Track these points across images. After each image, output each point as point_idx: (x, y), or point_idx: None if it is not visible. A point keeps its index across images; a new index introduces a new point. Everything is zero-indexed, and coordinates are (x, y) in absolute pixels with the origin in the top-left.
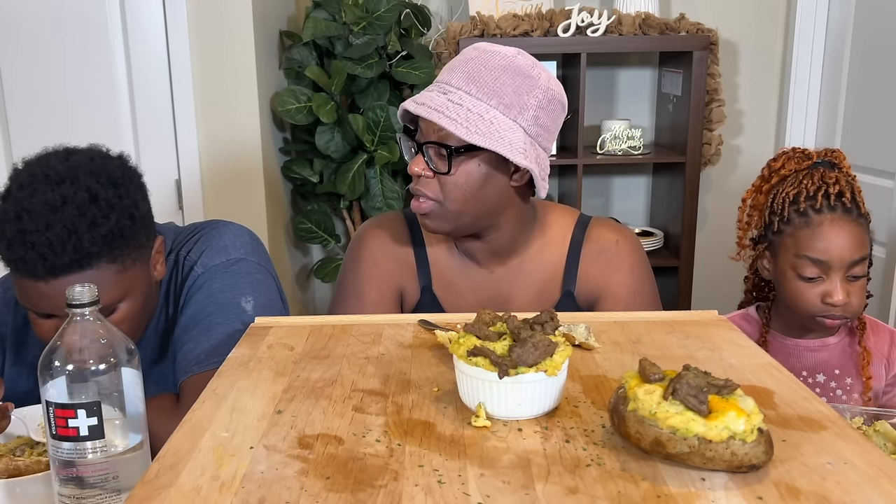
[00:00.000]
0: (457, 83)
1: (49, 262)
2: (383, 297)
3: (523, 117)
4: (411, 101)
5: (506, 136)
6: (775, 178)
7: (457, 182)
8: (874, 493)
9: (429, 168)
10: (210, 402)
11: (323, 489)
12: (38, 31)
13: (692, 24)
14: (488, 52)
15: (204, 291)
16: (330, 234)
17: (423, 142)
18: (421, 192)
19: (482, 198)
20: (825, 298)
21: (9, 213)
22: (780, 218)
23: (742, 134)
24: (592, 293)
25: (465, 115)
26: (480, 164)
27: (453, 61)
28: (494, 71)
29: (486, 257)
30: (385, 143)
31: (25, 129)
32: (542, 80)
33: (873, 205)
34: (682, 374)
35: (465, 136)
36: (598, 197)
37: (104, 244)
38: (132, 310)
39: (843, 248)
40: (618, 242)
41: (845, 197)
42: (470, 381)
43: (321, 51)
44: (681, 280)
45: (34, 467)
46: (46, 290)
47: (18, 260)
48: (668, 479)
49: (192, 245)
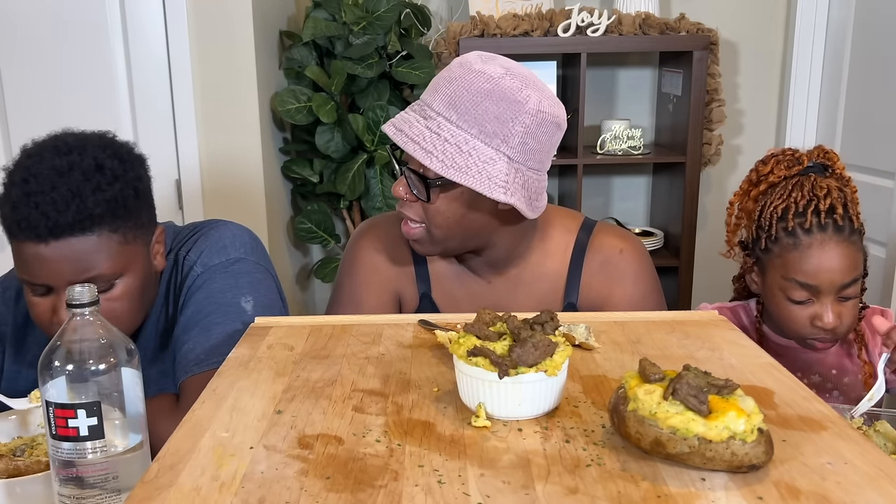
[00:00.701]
0: (438, 108)
1: (52, 221)
2: (381, 304)
3: (507, 145)
4: (391, 124)
5: (485, 170)
6: (764, 184)
7: (439, 209)
8: (874, 493)
9: (410, 192)
10: (210, 402)
11: (323, 489)
12: (38, 32)
13: (692, 24)
14: (473, 73)
15: (203, 291)
16: (330, 234)
17: (404, 165)
18: (406, 215)
19: (467, 224)
20: (814, 321)
21: (15, 177)
22: (767, 235)
23: (742, 134)
24: (595, 305)
25: (443, 148)
26: (463, 193)
27: (438, 78)
28: (477, 96)
29: (483, 269)
30: (385, 142)
31: (25, 130)
32: (532, 102)
33: (873, 205)
34: (682, 374)
35: (440, 171)
36: (598, 197)
37: (107, 209)
38: (131, 287)
39: (834, 272)
40: (622, 252)
41: (837, 212)
42: (470, 381)
43: (321, 51)
44: (681, 280)
45: (34, 467)
46: (47, 254)
47: (22, 220)
48: (668, 479)
49: (192, 244)
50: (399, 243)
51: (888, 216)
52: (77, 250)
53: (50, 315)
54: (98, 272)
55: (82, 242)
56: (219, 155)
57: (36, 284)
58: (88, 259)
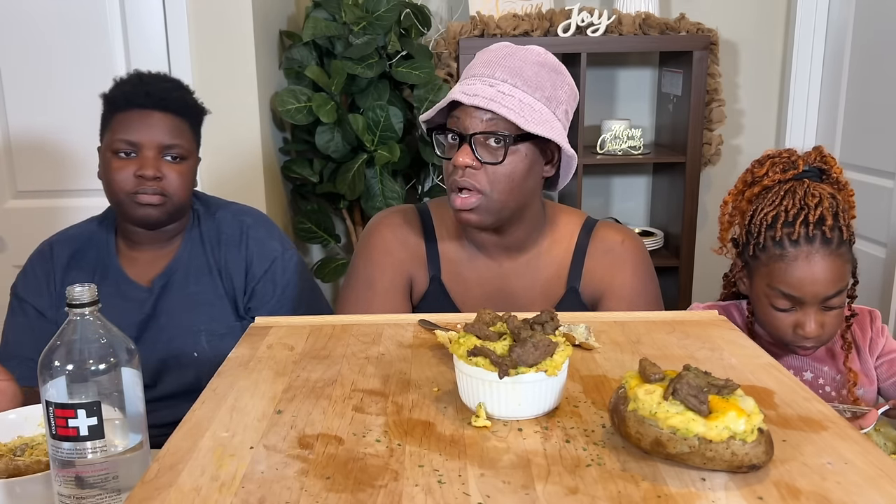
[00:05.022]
0: (501, 76)
1: (162, 98)
2: (394, 284)
3: (560, 110)
4: (461, 92)
5: (555, 127)
6: (758, 186)
7: (505, 171)
8: (874, 493)
9: (476, 159)
10: (210, 402)
11: (323, 489)
12: (38, 32)
13: (692, 24)
14: (523, 50)
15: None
16: (330, 234)
17: (472, 132)
18: (468, 183)
19: (524, 188)
20: (797, 329)
21: (132, 77)
22: (756, 242)
23: (742, 134)
24: (597, 291)
25: (519, 106)
26: (526, 154)
27: (486, 57)
28: (534, 66)
29: (497, 251)
30: (385, 142)
31: (25, 129)
32: (568, 76)
33: (873, 205)
34: (682, 374)
35: (523, 125)
36: (598, 197)
37: (196, 108)
38: (192, 169)
39: (818, 285)
40: (623, 243)
41: (826, 224)
42: (470, 381)
43: (321, 51)
44: (681, 280)
45: (34, 467)
46: (151, 121)
47: (136, 94)
48: (669, 479)
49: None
50: (413, 231)
51: (888, 216)
52: (170, 124)
53: (128, 178)
54: (180, 143)
55: (175, 121)
56: (219, 155)
57: (132, 143)
58: (178, 132)
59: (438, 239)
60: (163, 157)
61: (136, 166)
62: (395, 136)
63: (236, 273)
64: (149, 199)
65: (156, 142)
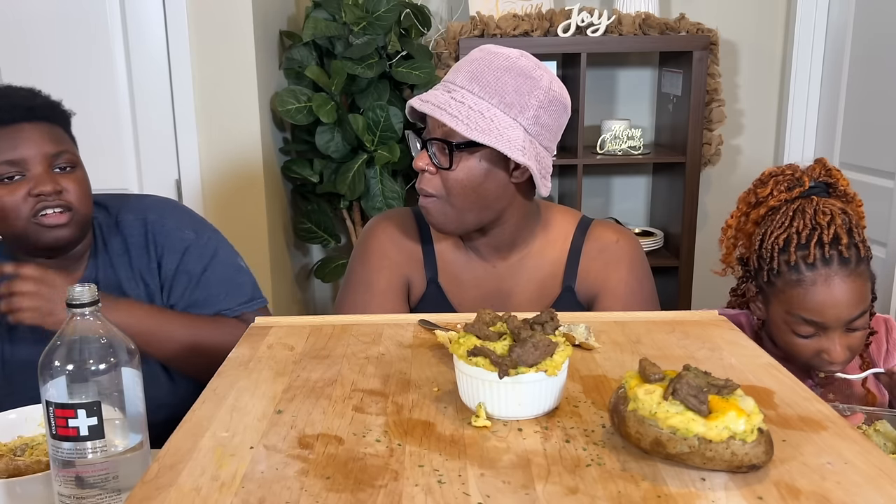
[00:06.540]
0: (461, 82)
1: (27, 106)
2: (391, 286)
3: (524, 116)
4: (417, 98)
5: (504, 134)
6: (763, 207)
7: (458, 178)
8: (874, 493)
9: (432, 163)
10: (210, 402)
11: (323, 489)
12: (38, 32)
13: (692, 24)
14: (492, 54)
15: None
16: (330, 234)
17: (428, 138)
18: (424, 189)
19: (483, 193)
20: (822, 355)
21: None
22: (769, 268)
23: (742, 134)
24: (592, 289)
25: (467, 113)
26: (481, 161)
27: (460, 62)
28: (497, 71)
29: (489, 252)
30: (385, 143)
31: None
32: (545, 81)
33: (873, 205)
34: (682, 374)
35: (464, 133)
36: (598, 197)
37: (64, 111)
38: (87, 179)
39: (841, 308)
40: (618, 242)
41: (842, 243)
42: (470, 381)
43: (321, 51)
44: (681, 280)
45: (34, 467)
46: (25, 134)
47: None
48: (668, 479)
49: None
50: (409, 234)
51: (888, 216)
52: (48, 132)
53: (25, 194)
54: (66, 148)
55: (51, 127)
56: (219, 155)
57: (13, 161)
58: (59, 138)
59: (434, 241)
60: (53, 170)
61: (26, 187)
62: (395, 136)
63: (150, 276)
64: (55, 218)
65: (41, 153)
